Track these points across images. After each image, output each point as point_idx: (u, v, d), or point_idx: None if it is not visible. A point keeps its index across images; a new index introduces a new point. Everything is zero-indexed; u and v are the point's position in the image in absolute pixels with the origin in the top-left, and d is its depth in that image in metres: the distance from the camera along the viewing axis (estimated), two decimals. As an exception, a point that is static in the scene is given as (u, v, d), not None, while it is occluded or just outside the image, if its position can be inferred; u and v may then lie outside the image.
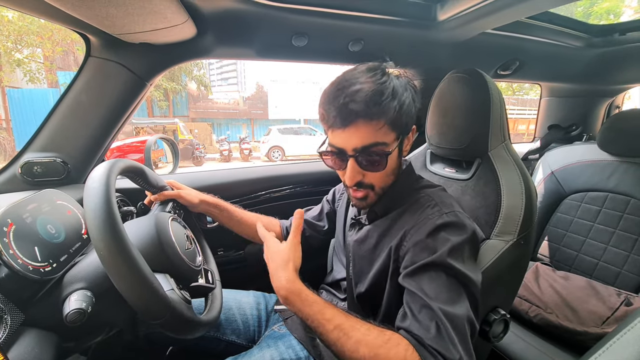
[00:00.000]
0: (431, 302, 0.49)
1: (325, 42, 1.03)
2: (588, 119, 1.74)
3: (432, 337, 0.47)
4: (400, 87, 0.59)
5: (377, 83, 0.56)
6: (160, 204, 0.81)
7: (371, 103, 0.55)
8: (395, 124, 0.58)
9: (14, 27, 7.92)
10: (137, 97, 0.93)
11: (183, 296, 0.57)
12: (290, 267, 0.58)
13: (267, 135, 10.90)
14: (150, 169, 0.77)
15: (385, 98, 0.55)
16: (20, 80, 9.22)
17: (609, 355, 0.39)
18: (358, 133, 0.57)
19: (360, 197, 0.65)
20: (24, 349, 0.47)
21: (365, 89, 0.55)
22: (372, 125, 0.56)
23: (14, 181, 0.86)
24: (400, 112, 0.57)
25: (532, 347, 0.96)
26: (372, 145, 0.58)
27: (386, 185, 0.66)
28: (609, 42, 1.34)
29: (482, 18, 0.90)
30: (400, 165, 0.68)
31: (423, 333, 0.48)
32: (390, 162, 0.62)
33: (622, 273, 1.10)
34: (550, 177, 1.34)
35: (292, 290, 0.55)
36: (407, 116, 0.60)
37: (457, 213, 0.60)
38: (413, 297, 0.52)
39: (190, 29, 0.82)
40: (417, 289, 0.52)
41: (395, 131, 0.59)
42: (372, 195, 0.65)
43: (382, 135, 0.58)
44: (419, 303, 0.51)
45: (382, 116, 0.56)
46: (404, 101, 0.58)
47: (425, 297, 0.50)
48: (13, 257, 0.49)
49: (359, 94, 0.55)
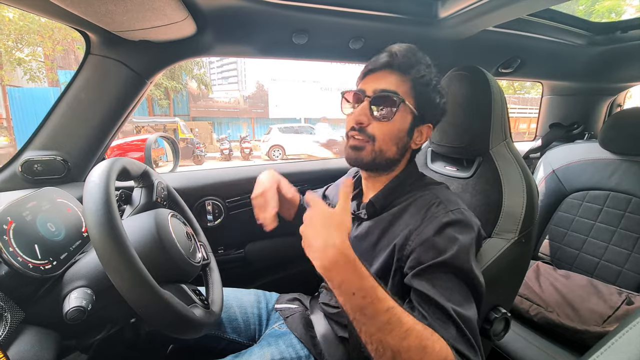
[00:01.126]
0: (445, 304, 0.49)
1: (326, 40, 1.03)
2: (590, 117, 1.74)
3: (453, 338, 0.47)
4: (437, 76, 0.64)
5: (419, 51, 0.64)
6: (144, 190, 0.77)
7: (408, 54, 0.61)
8: (417, 90, 0.62)
9: (15, 26, 7.93)
10: (137, 95, 0.93)
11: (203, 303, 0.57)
12: (344, 231, 0.47)
13: (268, 134, 10.89)
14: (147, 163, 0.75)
15: (417, 58, 0.62)
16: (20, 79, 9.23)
17: (610, 354, 0.39)
18: (384, 78, 0.62)
19: (356, 145, 0.64)
20: (24, 347, 0.47)
21: (407, 46, 0.63)
22: (399, 76, 0.61)
23: (14, 179, 0.86)
24: (426, 84, 0.61)
25: (532, 346, 0.96)
26: (391, 92, 0.60)
27: (385, 152, 0.63)
28: (610, 40, 1.33)
29: (484, 15, 0.90)
30: (404, 147, 0.66)
31: (445, 335, 0.47)
32: (398, 124, 0.62)
33: (623, 272, 1.10)
34: (552, 175, 1.34)
35: (347, 255, 0.45)
36: (430, 99, 0.63)
37: (463, 210, 0.59)
38: (424, 298, 0.51)
39: (190, 27, 0.82)
40: (428, 290, 0.51)
41: (415, 99, 0.62)
42: (369, 148, 0.63)
43: (403, 91, 0.61)
44: (432, 304, 0.50)
45: (410, 73, 0.61)
46: (433, 81, 0.62)
47: (438, 299, 0.49)
48: (13, 254, 0.49)
49: (400, 46, 0.63)
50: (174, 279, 0.62)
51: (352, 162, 0.66)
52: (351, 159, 0.66)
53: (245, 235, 1.24)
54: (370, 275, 0.46)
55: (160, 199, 0.79)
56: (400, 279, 0.59)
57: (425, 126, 0.66)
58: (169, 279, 0.60)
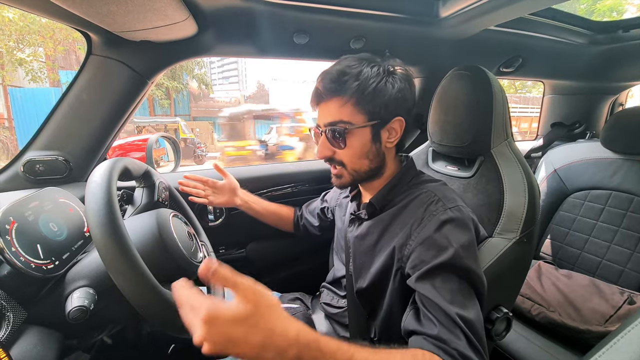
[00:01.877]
0: (450, 310, 0.49)
1: (327, 40, 1.03)
2: (591, 116, 1.73)
3: (464, 346, 0.47)
4: (371, 72, 0.60)
5: (345, 65, 0.61)
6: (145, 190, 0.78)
7: (333, 80, 0.60)
8: (361, 104, 0.60)
9: (16, 26, 7.94)
10: (138, 95, 0.93)
11: None
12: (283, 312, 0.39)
13: (268, 134, 10.89)
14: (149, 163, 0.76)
15: (346, 76, 0.60)
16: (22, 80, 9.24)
17: (612, 354, 0.39)
18: (327, 109, 0.63)
19: (335, 174, 0.68)
20: (27, 347, 0.47)
21: (333, 69, 0.62)
22: (337, 102, 0.61)
23: (16, 179, 0.86)
24: (364, 93, 0.59)
25: (534, 346, 0.96)
26: (336, 122, 0.62)
27: (360, 169, 0.65)
28: (612, 39, 1.33)
29: (485, 15, 0.89)
30: (378, 154, 0.65)
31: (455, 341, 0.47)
32: (357, 143, 0.63)
33: (625, 271, 1.09)
34: (553, 175, 1.34)
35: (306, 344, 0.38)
36: (379, 100, 0.61)
37: (461, 207, 0.59)
38: (429, 302, 0.51)
39: (191, 27, 0.82)
40: (432, 295, 0.51)
41: (363, 113, 0.61)
42: (346, 174, 0.66)
43: (347, 114, 0.61)
44: (438, 309, 0.50)
45: (342, 93, 0.60)
46: (371, 83, 0.60)
47: (442, 304, 0.49)
48: (15, 254, 0.49)
49: (327, 74, 0.62)
50: (175, 279, 0.62)
51: (338, 187, 0.70)
52: (337, 186, 0.70)
53: (247, 235, 1.24)
54: (340, 346, 0.40)
55: (162, 199, 0.80)
56: (401, 280, 0.59)
57: (394, 122, 0.63)
58: (171, 279, 0.60)
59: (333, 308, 0.80)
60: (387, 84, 0.61)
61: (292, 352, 0.37)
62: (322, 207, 0.99)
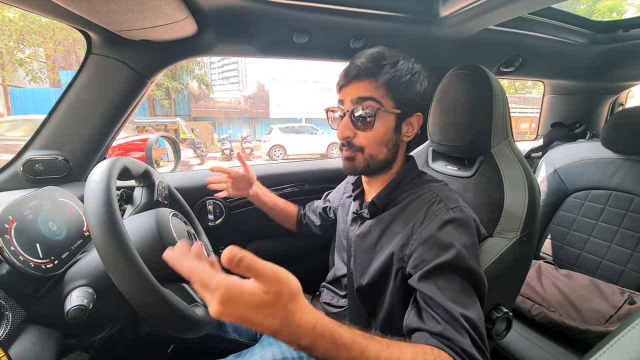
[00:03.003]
0: (452, 309, 0.49)
1: (327, 39, 1.03)
2: (591, 116, 1.73)
3: (468, 344, 0.47)
4: (407, 66, 0.63)
5: (383, 50, 0.64)
6: (145, 189, 0.78)
7: (372, 61, 0.61)
8: (393, 90, 0.62)
9: (16, 26, 7.94)
10: (138, 95, 0.93)
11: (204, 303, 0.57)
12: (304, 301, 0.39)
13: (269, 134, 10.90)
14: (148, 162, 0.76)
15: (385, 61, 0.61)
16: (22, 80, 9.25)
17: (612, 354, 0.39)
18: (358, 87, 0.63)
19: (348, 157, 0.66)
20: (26, 346, 0.47)
21: (371, 51, 0.63)
22: (370, 83, 0.62)
23: (16, 179, 0.86)
24: (399, 81, 0.61)
25: (534, 346, 0.96)
26: (367, 99, 0.62)
27: (377, 156, 0.65)
28: (612, 38, 1.32)
29: (485, 14, 0.89)
30: (395, 145, 0.66)
31: (459, 339, 0.47)
32: (382, 129, 0.63)
33: (625, 271, 1.09)
34: (554, 175, 1.34)
35: (321, 334, 0.38)
36: (409, 93, 0.62)
37: (463, 208, 0.59)
38: (432, 302, 0.51)
39: (191, 26, 0.82)
40: (435, 294, 0.51)
41: (392, 99, 0.62)
42: (361, 158, 0.65)
43: (379, 96, 0.62)
44: (441, 308, 0.50)
45: (379, 75, 0.61)
46: (406, 75, 0.62)
47: (444, 302, 0.50)
48: (14, 253, 0.49)
49: (365, 54, 0.63)
50: (175, 279, 0.62)
51: (348, 172, 0.69)
52: (347, 170, 0.68)
53: (247, 235, 1.24)
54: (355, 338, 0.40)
55: (162, 199, 0.80)
56: (402, 279, 0.59)
57: (414, 117, 0.66)
58: (170, 279, 0.60)
59: (333, 307, 0.80)
60: (416, 80, 0.64)
61: (307, 342, 0.37)
62: (325, 207, 0.99)
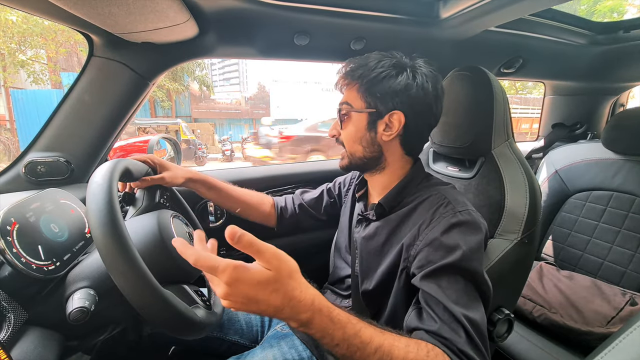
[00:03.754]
0: (453, 308, 0.49)
1: (327, 41, 1.03)
2: (592, 117, 1.73)
3: (463, 343, 0.47)
4: (383, 64, 0.63)
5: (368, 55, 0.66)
6: (147, 192, 0.78)
7: (350, 70, 0.66)
8: (366, 92, 0.64)
9: (18, 28, 7.97)
10: (139, 97, 0.93)
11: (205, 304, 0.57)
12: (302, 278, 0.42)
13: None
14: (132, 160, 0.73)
15: (363, 66, 0.64)
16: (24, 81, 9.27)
17: (614, 355, 0.39)
18: (344, 95, 0.69)
19: (341, 155, 0.73)
20: (27, 348, 0.47)
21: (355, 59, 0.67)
22: (350, 86, 0.67)
23: (18, 181, 0.86)
24: (373, 82, 0.63)
25: (536, 347, 0.96)
26: (342, 103, 0.68)
27: (355, 153, 0.68)
28: (613, 39, 1.32)
29: (485, 15, 0.89)
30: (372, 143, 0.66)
31: (455, 338, 0.47)
32: (352, 127, 0.67)
33: (627, 273, 1.09)
34: (555, 176, 1.33)
35: (319, 309, 0.41)
36: (378, 91, 0.63)
37: (471, 211, 0.59)
38: (433, 300, 0.51)
39: (192, 28, 0.82)
40: (436, 293, 0.51)
41: (364, 100, 0.65)
42: (346, 157, 0.71)
43: (352, 98, 0.66)
44: (441, 307, 0.50)
45: (354, 80, 0.65)
46: (374, 73, 0.63)
47: (446, 302, 0.49)
48: (16, 255, 0.49)
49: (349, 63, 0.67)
50: (176, 280, 0.62)
51: (341, 168, 0.73)
52: (340, 166, 0.73)
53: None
54: (350, 319, 0.43)
55: (164, 200, 0.80)
56: (406, 279, 0.59)
57: (392, 114, 0.63)
58: (171, 280, 0.60)
59: (335, 309, 0.80)
60: (389, 77, 0.62)
61: (306, 315, 0.40)
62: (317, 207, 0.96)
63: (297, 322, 0.40)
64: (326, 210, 0.95)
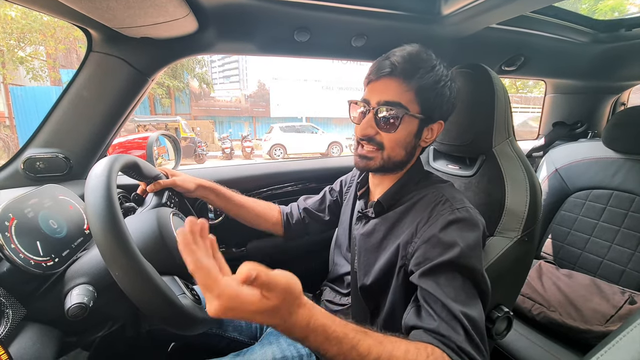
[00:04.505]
0: (451, 305, 0.49)
1: (328, 38, 1.02)
2: (593, 116, 1.73)
3: (462, 340, 0.47)
4: (442, 72, 0.61)
5: (420, 51, 0.62)
6: (155, 194, 0.78)
7: (408, 61, 0.59)
8: (422, 96, 0.61)
9: (17, 24, 7.93)
10: (138, 93, 0.93)
11: (194, 297, 0.57)
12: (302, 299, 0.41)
13: (269, 133, 10.89)
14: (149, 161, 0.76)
15: (423, 63, 0.60)
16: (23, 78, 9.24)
17: (612, 354, 0.39)
18: (387, 88, 0.61)
19: (363, 154, 0.66)
20: (26, 344, 0.47)
21: (409, 50, 0.62)
22: (401, 85, 0.60)
23: (16, 177, 0.86)
24: (430, 88, 0.60)
25: (535, 345, 0.96)
26: (394, 104, 0.60)
27: (395, 157, 0.64)
28: (614, 37, 1.32)
29: (487, 12, 0.89)
30: (413, 148, 0.66)
31: (454, 336, 0.47)
32: (404, 132, 0.63)
33: (626, 271, 1.09)
34: (555, 174, 1.33)
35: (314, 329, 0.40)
36: (437, 100, 0.61)
37: (469, 209, 0.59)
38: (431, 298, 0.51)
39: (192, 24, 0.82)
40: (434, 290, 0.51)
41: (419, 104, 0.61)
42: (379, 157, 0.64)
43: (406, 100, 0.60)
44: (439, 304, 0.50)
45: (412, 78, 0.60)
46: (439, 82, 0.61)
47: (444, 299, 0.49)
48: (15, 251, 0.49)
49: (401, 52, 0.61)
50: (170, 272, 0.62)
51: (360, 169, 0.68)
52: (360, 167, 0.67)
53: (247, 234, 1.24)
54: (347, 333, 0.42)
55: (170, 203, 0.80)
56: (404, 277, 0.59)
57: (436, 124, 0.65)
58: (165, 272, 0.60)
59: (336, 305, 0.80)
60: (448, 88, 0.62)
61: (300, 335, 0.40)
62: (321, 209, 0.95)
63: (291, 338, 0.41)
64: (330, 210, 0.95)
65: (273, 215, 0.95)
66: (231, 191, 0.91)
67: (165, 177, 0.82)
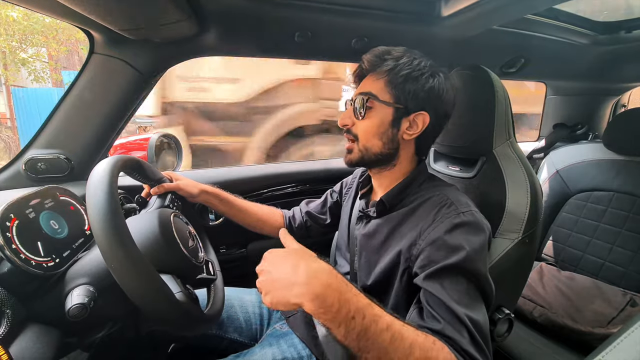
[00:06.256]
0: (456, 308, 0.49)
1: (329, 39, 1.02)
2: (594, 117, 1.72)
3: (466, 343, 0.47)
4: (413, 62, 0.62)
5: (395, 48, 0.65)
6: (158, 197, 0.79)
7: (376, 56, 0.64)
8: (392, 84, 0.62)
9: (19, 26, 7.97)
10: (140, 94, 0.93)
11: (190, 295, 0.57)
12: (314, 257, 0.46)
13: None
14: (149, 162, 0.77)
15: (390, 54, 0.63)
16: (25, 79, 9.26)
17: (614, 356, 0.38)
18: (364, 83, 0.67)
19: (347, 148, 0.69)
20: (26, 344, 0.47)
21: (375, 50, 0.65)
22: (373, 76, 0.65)
23: (18, 177, 0.86)
24: (398, 74, 0.62)
25: (536, 347, 0.95)
26: (365, 93, 0.64)
27: (370, 148, 0.65)
28: (615, 39, 1.32)
29: (487, 14, 0.89)
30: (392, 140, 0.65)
31: (458, 338, 0.47)
32: (376, 119, 0.64)
33: (627, 273, 1.09)
34: (555, 176, 1.33)
35: (336, 274, 0.42)
36: (409, 87, 0.62)
37: (474, 212, 0.59)
38: (435, 300, 0.51)
39: (193, 26, 0.82)
40: (439, 293, 0.51)
41: (390, 93, 0.63)
42: (356, 150, 0.67)
43: (377, 89, 0.64)
44: (443, 307, 0.50)
45: (380, 68, 0.64)
46: (407, 70, 0.62)
47: (448, 302, 0.49)
48: (16, 252, 0.49)
49: (372, 51, 0.66)
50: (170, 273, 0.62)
51: (346, 163, 0.70)
52: (345, 162, 0.70)
53: (247, 235, 1.23)
54: (360, 291, 0.43)
55: (173, 205, 0.80)
56: (408, 280, 0.59)
57: (418, 114, 0.63)
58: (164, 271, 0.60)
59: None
60: (423, 77, 0.62)
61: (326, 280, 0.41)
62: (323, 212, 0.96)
63: (313, 296, 0.39)
64: (331, 212, 0.95)
65: (276, 220, 0.96)
66: (234, 196, 0.92)
67: (169, 180, 0.82)
